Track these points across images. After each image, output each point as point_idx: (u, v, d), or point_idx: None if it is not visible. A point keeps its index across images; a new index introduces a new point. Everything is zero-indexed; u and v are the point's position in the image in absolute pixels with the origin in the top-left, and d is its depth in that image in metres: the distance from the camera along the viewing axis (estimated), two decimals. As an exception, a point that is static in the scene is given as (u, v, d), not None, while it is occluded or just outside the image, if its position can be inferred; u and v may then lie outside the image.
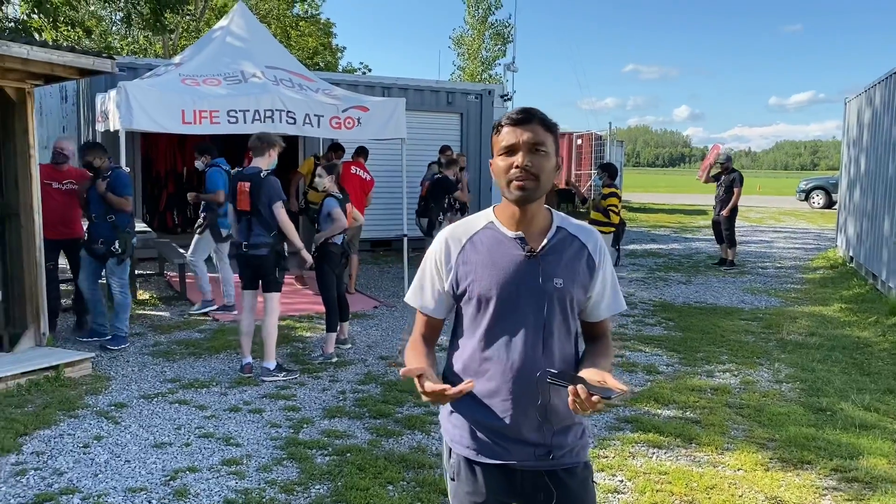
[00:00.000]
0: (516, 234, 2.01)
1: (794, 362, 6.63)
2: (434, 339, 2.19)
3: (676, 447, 4.66)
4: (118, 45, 21.60)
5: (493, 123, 2.05)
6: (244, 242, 5.76)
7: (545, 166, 1.96)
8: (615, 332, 7.61)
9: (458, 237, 2.07)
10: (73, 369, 5.76)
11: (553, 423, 2.01)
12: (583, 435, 2.11)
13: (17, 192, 6.03)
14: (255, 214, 5.70)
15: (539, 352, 1.98)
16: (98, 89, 9.96)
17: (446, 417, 2.15)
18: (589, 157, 22.29)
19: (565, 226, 2.06)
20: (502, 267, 1.99)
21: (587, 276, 2.03)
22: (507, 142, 1.96)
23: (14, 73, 5.71)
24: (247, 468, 4.23)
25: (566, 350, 2.03)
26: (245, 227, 5.77)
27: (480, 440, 2.05)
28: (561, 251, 2.02)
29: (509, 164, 1.95)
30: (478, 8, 33.30)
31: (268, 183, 5.74)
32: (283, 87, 8.45)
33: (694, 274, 11.71)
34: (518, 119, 1.96)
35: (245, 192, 5.71)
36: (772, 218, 24.11)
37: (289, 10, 26.75)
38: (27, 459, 4.26)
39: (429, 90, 13.14)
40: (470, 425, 2.06)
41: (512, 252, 2.00)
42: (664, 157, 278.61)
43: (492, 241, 2.03)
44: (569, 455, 2.06)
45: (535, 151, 1.95)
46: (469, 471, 2.08)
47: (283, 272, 5.92)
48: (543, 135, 1.96)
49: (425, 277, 2.13)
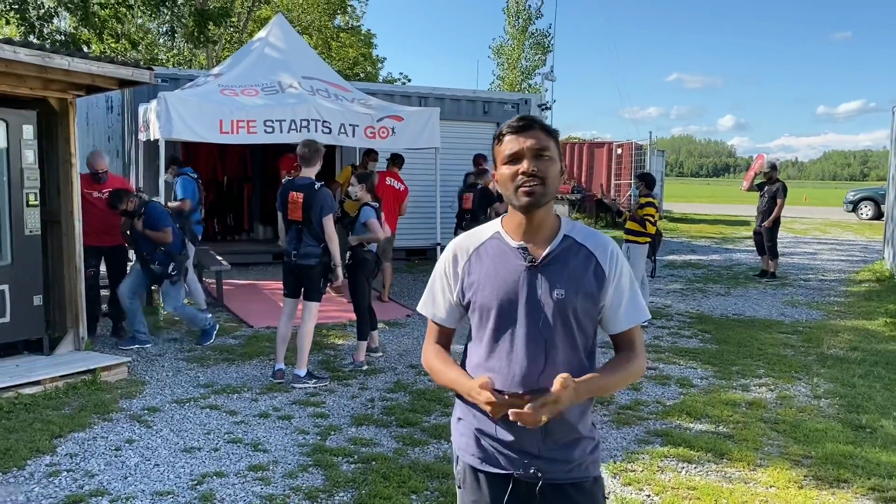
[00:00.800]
0: (519, 243, 2.00)
1: (833, 377, 6.45)
2: (448, 346, 2.19)
3: (707, 462, 4.56)
4: (164, 57, 22.11)
5: (494, 133, 2.04)
6: (294, 252, 5.82)
7: (551, 171, 1.95)
8: (651, 344, 7.51)
9: (465, 247, 2.07)
10: (109, 373, 5.88)
11: (557, 436, 1.98)
12: (594, 450, 2.07)
13: (59, 199, 6.20)
14: (307, 225, 5.75)
15: (541, 364, 1.95)
16: (141, 100, 10.19)
17: (455, 425, 2.14)
18: (629, 166, 22.09)
19: (573, 234, 2.03)
20: (504, 278, 1.98)
21: (595, 286, 1.99)
22: (510, 150, 1.96)
23: (57, 83, 5.88)
24: (273, 474, 4.26)
25: (573, 363, 1.98)
26: (295, 236, 5.82)
27: (485, 449, 2.04)
28: (565, 260, 1.98)
29: (515, 172, 1.95)
30: (518, 18, 33.32)
31: (322, 194, 5.79)
32: (320, 98, 8.56)
33: (733, 286, 11.50)
34: (519, 126, 1.96)
35: (298, 202, 5.75)
36: (817, 229, 23.59)
37: (330, 21, 27.08)
38: (60, 461, 4.36)
39: (465, 100, 13.17)
40: (476, 434, 2.05)
41: (514, 262, 1.99)
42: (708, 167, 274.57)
43: (496, 251, 2.02)
44: (577, 469, 2.02)
45: (540, 157, 1.94)
46: (474, 479, 2.06)
47: (326, 283, 5.97)
48: (546, 140, 1.95)
49: (436, 287, 2.13)
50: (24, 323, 5.94)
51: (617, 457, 4.62)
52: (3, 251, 5.84)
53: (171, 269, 6.75)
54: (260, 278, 10.89)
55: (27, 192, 5.90)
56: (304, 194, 5.75)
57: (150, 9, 14.34)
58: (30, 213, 5.93)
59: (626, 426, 5.17)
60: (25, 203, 5.89)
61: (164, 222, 6.78)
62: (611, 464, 4.50)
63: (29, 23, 13.48)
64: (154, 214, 6.76)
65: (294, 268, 5.86)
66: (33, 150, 5.92)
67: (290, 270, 5.91)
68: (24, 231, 5.90)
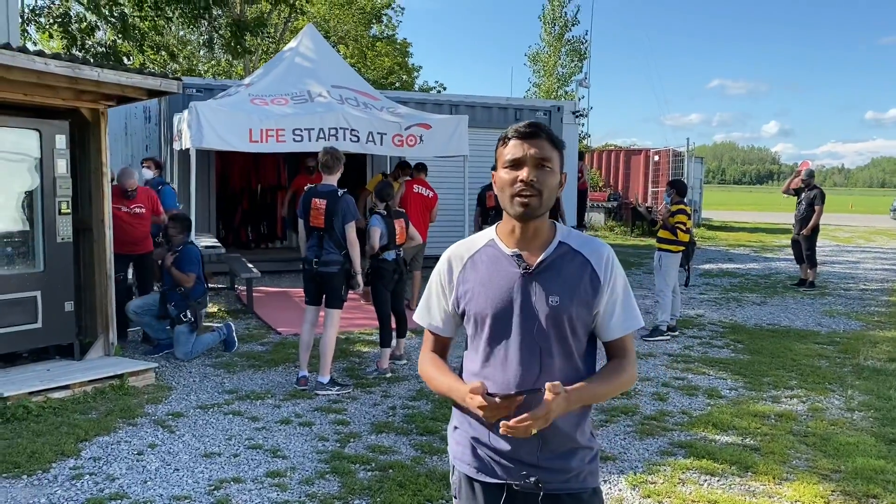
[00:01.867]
0: (514, 250, 1.97)
1: (869, 389, 6.26)
2: (444, 354, 2.17)
3: (731, 475, 4.45)
4: (203, 68, 22.54)
5: (500, 135, 2.01)
6: (315, 259, 5.85)
7: (549, 182, 1.92)
8: (681, 354, 7.38)
9: (460, 255, 2.05)
10: (136, 378, 5.97)
11: (554, 445, 1.95)
12: (592, 460, 2.04)
13: (91, 207, 6.33)
14: (328, 231, 5.79)
15: (535, 372, 1.92)
16: (176, 109, 10.39)
17: (451, 434, 2.13)
18: (667, 174, 21.82)
19: (569, 241, 2.00)
20: (497, 285, 1.96)
21: (590, 294, 1.96)
22: (512, 155, 1.93)
23: (89, 94, 6.02)
24: (290, 480, 4.27)
25: (568, 372, 1.95)
26: (316, 243, 5.86)
27: (481, 458, 2.01)
28: (560, 267, 1.96)
29: (514, 178, 1.92)
30: (554, 25, 33.23)
31: (345, 201, 5.83)
32: (348, 106, 8.63)
33: (770, 295, 11.26)
34: (526, 133, 1.93)
35: (321, 209, 5.79)
36: (861, 237, 23.02)
37: (366, 31, 27.31)
38: (84, 464, 4.43)
39: (496, 107, 13.15)
40: (471, 443, 2.03)
41: (508, 270, 1.96)
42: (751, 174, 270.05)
43: (490, 259, 2.00)
44: (574, 480, 1.99)
45: (541, 167, 1.91)
46: (469, 488, 2.04)
47: (348, 290, 5.99)
48: (550, 151, 1.93)
49: (431, 296, 2.12)
50: (55, 328, 6.07)
51: (637, 468, 4.53)
52: (35, 258, 5.98)
53: (186, 313, 6.81)
54: (292, 286, 10.97)
55: (59, 201, 6.04)
56: (327, 201, 5.78)
57: (188, 20, 14.62)
58: (62, 221, 6.07)
59: (650, 437, 5.08)
60: (58, 211, 6.03)
61: (192, 268, 6.90)
62: (631, 475, 4.42)
63: (71, 36, 13.84)
64: (186, 256, 6.90)
65: (315, 275, 5.89)
66: (66, 160, 6.06)
67: (311, 278, 5.95)
68: (57, 238, 6.04)
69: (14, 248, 5.89)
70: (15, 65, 5.16)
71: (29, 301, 5.89)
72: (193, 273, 6.91)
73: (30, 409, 5.18)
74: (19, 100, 5.69)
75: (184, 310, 6.81)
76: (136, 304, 7.06)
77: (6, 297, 5.75)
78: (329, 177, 5.89)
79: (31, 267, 5.96)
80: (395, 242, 6.45)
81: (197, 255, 7.06)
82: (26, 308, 5.87)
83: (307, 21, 21.48)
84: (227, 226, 14.10)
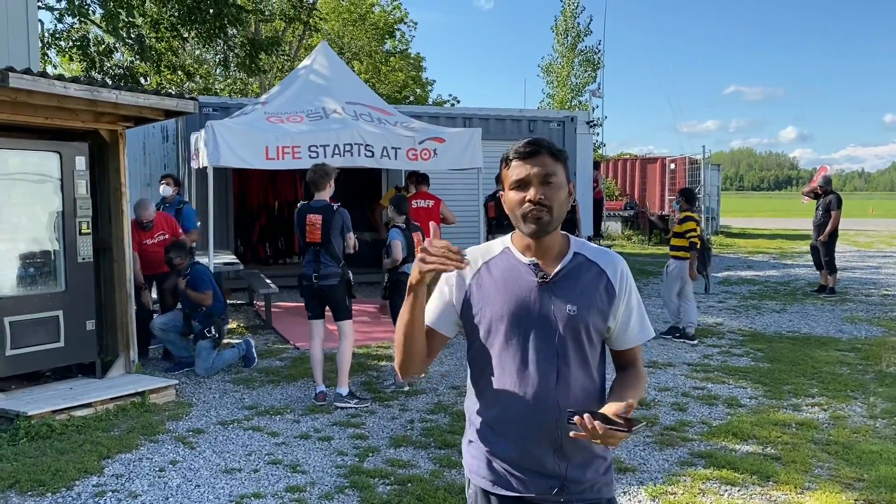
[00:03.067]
0: (531, 260, 2.00)
1: (892, 396, 6.19)
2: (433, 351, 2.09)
3: (752, 485, 4.42)
4: (219, 87, 22.81)
5: (502, 156, 2.03)
6: (314, 274, 5.92)
7: (558, 197, 1.94)
8: (700, 363, 7.34)
9: (475, 258, 2.06)
10: (157, 395, 6.03)
11: (570, 456, 1.96)
12: (607, 471, 2.04)
13: (110, 226, 6.43)
14: (325, 245, 5.87)
15: (552, 381, 1.94)
16: (193, 129, 10.52)
17: (466, 447, 2.13)
18: (683, 181, 21.73)
19: (583, 251, 2.03)
20: (514, 293, 1.97)
21: (606, 303, 1.99)
22: (517, 176, 1.95)
23: (107, 116, 6.13)
24: (309, 495, 4.30)
25: (584, 381, 1.98)
26: (312, 258, 5.94)
27: (496, 471, 2.02)
28: (576, 277, 1.98)
29: (522, 199, 1.94)
30: (567, 36, 33.27)
31: (341, 214, 5.93)
32: (363, 122, 8.70)
33: (790, 302, 11.16)
34: (526, 152, 1.95)
35: (316, 224, 5.87)
36: (883, 242, 22.77)
37: (380, 46, 27.51)
38: (107, 482, 4.48)
39: (510, 119, 13.20)
40: (487, 456, 2.04)
41: (525, 278, 1.98)
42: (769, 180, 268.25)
43: (506, 266, 2.02)
44: (589, 491, 1.99)
45: (547, 184, 1.93)
46: (486, 502, 2.05)
47: (352, 299, 6.06)
48: (553, 165, 1.94)
49: (435, 293, 2.10)
50: (77, 347, 6.15)
51: (657, 479, 4.51)
52: (57, 278, 6.08)
53: (211, 329, 6.91)
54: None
55: (80, 221, 6.13)
56: (323, 216, 5.87)
57: (203, 40, 14.81)
58: (83, 241, 6.16)
59: (670, 447, 5.06)
60: (78, 231, 6.13)
61: (205, 286, 6.99)
62: (650, 486, 4.40)
63: (90, 59, 14.08)
64: (197, 276, 7.00)
65: (317, 290, 5.97)
66: (85, 181, 6.16)
67: (312, 294, 6.03)
68: (77, 259, 6.13)
69: (36, 268, 5.99)
70: (36, 89, 5.27)
71: (51, 320, 5.98)
72: (209, 290, 6.99)
73: (53, 428, 5.25)
74: (40, 123, 5.80)
75: (208, 326, 6.91)
76: (161, 321, 7.15)
77: (29, 316, 5.85)
78: (319, 193, 5.97)
79: (53, 287, 6.05)
80: (413, 255, 6.49)
81: (207, 273, 7.16)
82: (49, 327, 5.96)
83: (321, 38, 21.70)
84: (246, 242, 14.22)
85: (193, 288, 6.95)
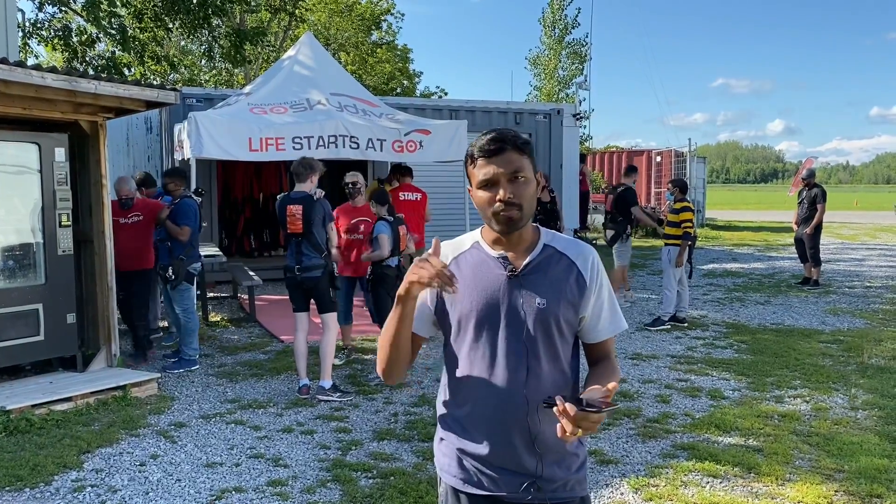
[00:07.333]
0: (499, 253, 1.97)
1: (873, 388, 6.24)
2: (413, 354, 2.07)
3: (733, 477, 4.44)
4: (204, 78, 22.59)
5: (466, 153, 2.00)
6: (297, 266, 5.89)
7: (527, 193, 1.91)
8: (684, 355, 7.37)
9: (446, 255, 2.03)
10: (139, 389, 5.98)
11: (542, 453, 1.93)
12: (580, 468, 2.02)
13: (91, 219, 6.35)
14: (307, 236, 5.84)
15: (522, 377, 1.91)
16: (176, 120, 10.41)
17: (437, 445, 2.11)
18: (669, 174, 21.80)
19: (553, 243, 2.00)
20: (483, 288, 1.95)
21: (577, 295, 1.96)
22: (484, 176, 1.91)
23: (87, 107, 6.05)
24: (291, 489, 4.27)
25: (555, 375, 1.95)
26: (294, 250, 5.90)
27: (467, 469, 2.00)
28: (546, 269, 1.95)
29: (491, 197, 1.91)
30: (554, 28, 33.23)
31: (321, 204, 5.92)
32: (347, 114, 8.64)
33: (774, 294, 11.22)
34: (491, 150, 1.91)
35: (297, 215, 5.84)
36: (866, 234, 22.93)
37: (366, 37, 27.35)
38: (86, 476, 4.44)
39: (496, 111, 13.16)
40: (457, 454, 2.01)
41: (494, 272, 1.96)
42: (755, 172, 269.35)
43: (476, 261, 1.99)
44: (562, 489, 1.97)
45: (515, 180, 1.90)
46: (455, 501, 2.03)
47: (335, 291, 6.04)
48: (519, 160, 1.91)
49: None
50: (57, 341, 6.09)
51: (640, 472, 4.52)
52: (37, 271, 6.01)
53: (169, 272, 6.74)
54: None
55: (60, 213, 6.06)
56: (304, 207, 5.84)
57: (187, 31, 14.65)
58: (63, 233, 6.09)
59: (652, 440, 5.07)
60: (58, 224, 6.05)
61: (186, 220, 6.79)
62: (633, 479, 4.40)
63: (72, 49, 13.90)
64: (182, 208, 6.83)
65: (300, 282, 5.93)
66: (65, 172, 6.09)
67: (295, 286, 5.99)
68: (58, 251, 6.06)
69: (15, 260, 5.91)
70: (13, 79, 5.19)
71: (31, 314, 5.91)
72: (188, 227, 6.78)
73: (32, 422, 5.20)
74: (18, 113, 5.72)
75: (167, 268, 6.74)
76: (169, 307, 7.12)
77: (8, 310, 5.78)
78: (300, 185, 5.94)
79: (33, 280, 5.98)
80: (398, 249, 6.47)
81: (194, 208, 6.90)
82: (28, 321, 5.90)
83: (307, 29, 21.56)
84: (230, 234, 14.13)
85: (173, 220, 6.81)
